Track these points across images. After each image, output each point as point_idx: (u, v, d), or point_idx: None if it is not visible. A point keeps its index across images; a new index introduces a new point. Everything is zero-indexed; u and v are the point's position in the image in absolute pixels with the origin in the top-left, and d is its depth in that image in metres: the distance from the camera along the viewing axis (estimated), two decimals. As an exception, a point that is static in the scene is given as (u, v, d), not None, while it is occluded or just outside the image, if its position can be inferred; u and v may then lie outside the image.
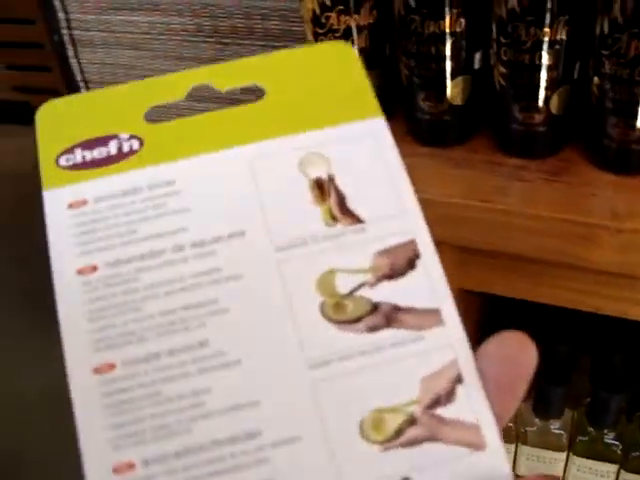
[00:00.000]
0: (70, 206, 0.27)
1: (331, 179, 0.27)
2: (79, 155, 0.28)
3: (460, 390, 0.24)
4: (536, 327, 0.80)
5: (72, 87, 1.13)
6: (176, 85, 0.29)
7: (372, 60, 0.61)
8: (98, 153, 0.28)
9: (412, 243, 0.26)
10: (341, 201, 0.27)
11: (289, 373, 0.24)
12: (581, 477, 0.78)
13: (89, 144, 0.28)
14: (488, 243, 0.55)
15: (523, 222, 0.53)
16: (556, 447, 0.77)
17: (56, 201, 0.27)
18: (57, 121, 0.29)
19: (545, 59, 0.52)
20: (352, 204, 0.27)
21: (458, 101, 0.58)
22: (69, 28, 1.06)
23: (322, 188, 0.27)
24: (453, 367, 0.24)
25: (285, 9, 0.90)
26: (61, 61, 1.10)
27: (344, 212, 0.26)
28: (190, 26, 0.98)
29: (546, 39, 0.51)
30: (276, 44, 0.93)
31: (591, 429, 0.75)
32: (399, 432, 0.23)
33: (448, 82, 0.57)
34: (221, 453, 0.23)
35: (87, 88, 1.12)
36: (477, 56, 0.57)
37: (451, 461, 0.23)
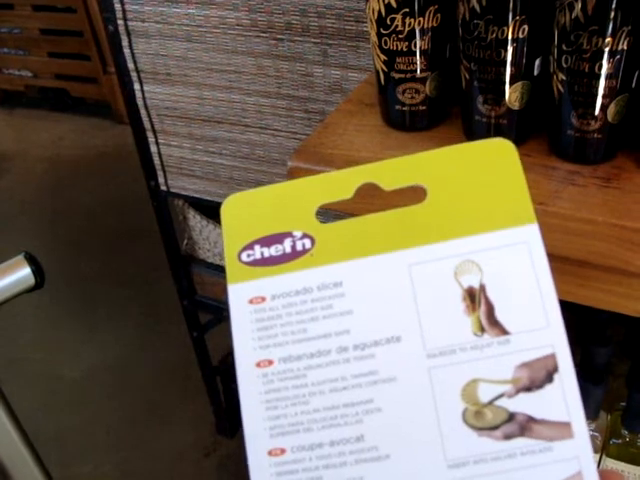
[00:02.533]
0: (250, 302, 0.30)
1: (482, 288, 0.28)
2: (258, 252, 0.31)
3: None
4: (576, 328, 0.82)
5: (124, 77, 1.15)
6: (345, 183, 0.31)
7: (432, 62, 0.62)
8: (275, 250, 0.30)
9: (552, 357, 0.27)
10: (490, 312, 0.28)
11: (430, 470, 0.27)
12: (613, 480, 0.79)
13: (267, 241, 0.31)
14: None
15: (576, 225, 0.54)
16: (590, 449, 0.78)
17: (238, 296, 0.30)
18: (239, 215, 0.32)
19: (605, 68, 0.54)
20: (500, 315, 0.28)
21: (516, 106, 0.60)
22: (125, 19, 1.08)
23: (473, 298, 0.28)
24: (577, 478, 0.26)
25: (341, 8, 0.91)
26: (115, 51, 1.12)
27: (492, 323, 0.28)
28: (245, 20, 1.00)
29: (607, 49, 0.53)
30: (330, 42, 0.94)
31: (625, 432, 0.76)
32: None
33: (507, 87, 0.59)
34: None
35: (139, 77, 1.15)
36: (537, 62, 0.58)
37: None
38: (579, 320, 0.83)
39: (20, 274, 0.67)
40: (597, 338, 0.76)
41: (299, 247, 0.30)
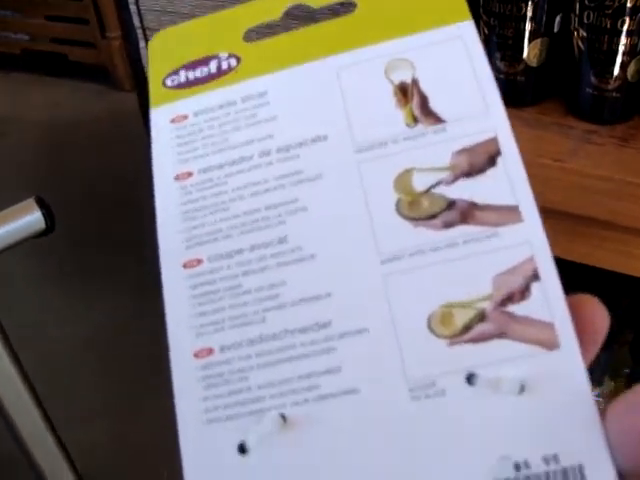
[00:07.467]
0: (172, 121, 0.29)
1: (415, 82, 0.27)
2: (183, 75, 0.30)
3: (536, 288, 0.23)
4: (583, 292, 0.82)
5: (130, 34, 1.14)
6: (273, 5, 0.30)
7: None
8: (200, 72, 0.29)
9: (493, 141, 0.25)
10: (423, 102, 0.26)
11: (361, 267, 0.24)
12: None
13: (192, 65, 0.30)
14: (556, 202, 0.56)
15: (592, 183, 0.54)
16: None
17: (160, 117, 0.29)
18: (166, 47, 0.31)
19: (627, 25, 0.53)
20: (435, 105, 0.26)
21: (534, 63, 0.59)
22: (132, -25, 1.07)
23: (405, 91, 0.27)
24: (529, 264, 0.23)
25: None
26: (120, 7, 1.11)
27: (425, 113, 0.26)
28: (254, -22, 0.98)
29: (629, 5, 0.52)
30: None
31: (628, 398, 0.76)
32: (467, 327, 0.23)
33: (526, 43, 0.58)
34: (291, 342, 0.24)
35: (144, 35, 1.13)
36: (557, 19, 0.58)
37: (520, 359, 0.22)
38: (588, 286, 0.83)
39: (31, 217, 0.66)
40: (605, 304, 0.76)
41: (224, 66, 0.29)
